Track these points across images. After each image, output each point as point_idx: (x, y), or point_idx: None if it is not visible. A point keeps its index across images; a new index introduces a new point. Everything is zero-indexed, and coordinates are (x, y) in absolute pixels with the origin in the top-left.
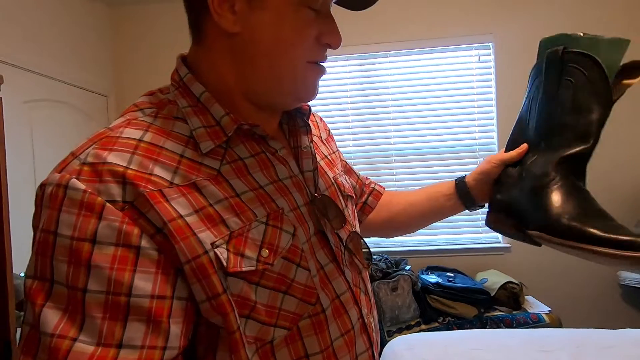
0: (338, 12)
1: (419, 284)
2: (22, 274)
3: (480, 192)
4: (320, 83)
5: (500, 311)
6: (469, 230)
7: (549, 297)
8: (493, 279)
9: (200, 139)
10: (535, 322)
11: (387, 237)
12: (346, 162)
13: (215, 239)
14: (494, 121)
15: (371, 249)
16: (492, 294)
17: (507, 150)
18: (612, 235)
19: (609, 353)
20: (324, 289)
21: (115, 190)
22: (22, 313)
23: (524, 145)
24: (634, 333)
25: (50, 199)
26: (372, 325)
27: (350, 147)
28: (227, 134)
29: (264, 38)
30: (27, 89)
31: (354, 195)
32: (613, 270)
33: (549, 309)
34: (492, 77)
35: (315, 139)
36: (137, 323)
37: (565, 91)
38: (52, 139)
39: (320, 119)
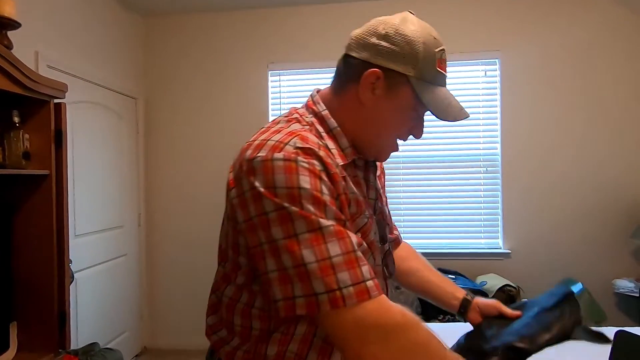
0: (347, 23)
1: None
2: None
3: (473, 315)
4: None
5: None
6: (471, 235)
7: None
8: (492, 281)
9: (335, 156)
10: None
11: None
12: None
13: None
14: (498, 133)
15: None
16: (490, 296)
17: (509, 307)
18: None
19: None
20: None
21: (320, 164)
22: None
23: (519, 314)
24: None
25: (284, 168)
26: None
27: None
28: (348, 159)
29: (380, 117)
30: (70, 92)
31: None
32: (608, 279)
33: None
34: (498, 91)
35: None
36: (347, 239)
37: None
38: (88, 135)
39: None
